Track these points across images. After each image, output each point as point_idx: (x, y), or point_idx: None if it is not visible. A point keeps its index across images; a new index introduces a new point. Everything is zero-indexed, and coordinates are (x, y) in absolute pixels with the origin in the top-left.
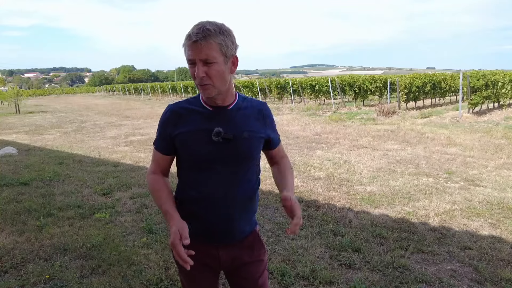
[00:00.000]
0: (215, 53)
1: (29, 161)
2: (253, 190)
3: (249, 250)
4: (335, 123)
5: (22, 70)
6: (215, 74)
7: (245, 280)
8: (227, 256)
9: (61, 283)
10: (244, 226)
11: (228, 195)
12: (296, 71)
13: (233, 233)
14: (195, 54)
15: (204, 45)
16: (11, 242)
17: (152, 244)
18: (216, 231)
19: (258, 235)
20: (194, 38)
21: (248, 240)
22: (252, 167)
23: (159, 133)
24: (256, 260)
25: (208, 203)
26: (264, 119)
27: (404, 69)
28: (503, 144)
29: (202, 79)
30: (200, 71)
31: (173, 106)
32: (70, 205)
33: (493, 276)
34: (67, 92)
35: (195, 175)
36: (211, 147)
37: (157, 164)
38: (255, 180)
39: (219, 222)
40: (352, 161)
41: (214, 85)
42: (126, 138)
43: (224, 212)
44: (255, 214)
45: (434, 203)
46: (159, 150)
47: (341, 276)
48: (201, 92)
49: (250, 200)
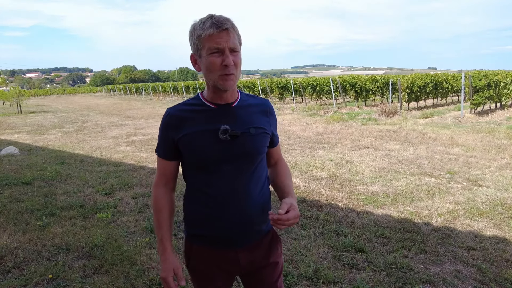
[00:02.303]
0: (237, 42)
1: (31, 160)
2: (265, 187)
3: (268, 251)
4: (336, 123)
5: (24, 70)
6: (239, 63)
7: (263, 283)
8: (246, 259)
9: (64, 283)
10: (260, 225)
11: (240, 194)
12: (297, 71)
13: (250, 234)
14: (224, 42)
15: (232, 33)
16: (13, 241)
17: (154, 244)
18: (233, 233)
19: (275, 234)
20: (224, 26)
21: (266, 239)
22: (260, 163)
23: (161, 139)
24: (273, 262)
25: (220, 205)
26: (268, 116)
27: (406, 69)
28: (505, 144)
29: (231, 67)
30: (230, 59)
31: (172, 110)
32: (72, 205)
33: (497, 276)
34: (68, 92)
35: (204, 177)
36: (218, 146)
37: (162, 174)
38: (265, 177)
39: (234, 223)
40: (354, 161)
41: (236, 75)
42: (127, 138)
43: (238, 212)
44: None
45: (437, 203)
46: (163, 157)
47: (344, 276)
48: (223, 84)
49: (263, 197)
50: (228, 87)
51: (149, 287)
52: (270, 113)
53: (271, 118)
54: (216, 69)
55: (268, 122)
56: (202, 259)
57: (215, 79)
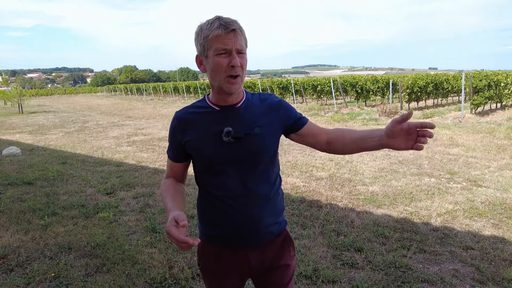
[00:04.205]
0: (244, 44)
1: (32, 160)
2: (274, 187)
3: (279, 252)
4: (337, 123)
5: (25, 70)
6: (245, 65)
7: (274, 284)
8: (256, 260)
9: (66, 281)
10: (270, 226)
11: (249, 194)
12: (298, 71)
13: (260, 234)
14: (232, 43)
15: (239, 35)
16: (16, 240)
17: (156, 243)
18: (243, 234)
19: (288, 235)
20: (232, 27)
21: (278, 240)
22: (269, 163)
23: (170, 141)
24: (284, 265)
25: (229, 206)
26: (276, 110)
27: (406, 70)
28: (505, 144)
29: (238, 68)
30: (237, 60)
31: (179, 113)
32: (74, 205)
33: (495, 276)
34: (69, 92)
35: (212, 179)
36: (222, 148)
37: (171, 170)
38: (275, 177)
39: (243, 224)
40: (354, 162)
41: (242, 78)
42: (128, 138)
43: (247, 213)
44: (283, 213)
45: (436, 203)
46: (171, 159)
47: (343, 275)
48: (229, 87)
49: (272, 198)
50: (233, 90)
51: (150, 285)
52: (278, 106)
53: (280, 111)
54: (223, 70)
55: (277, 117)
56: (214, 258)
57: (220, 80)
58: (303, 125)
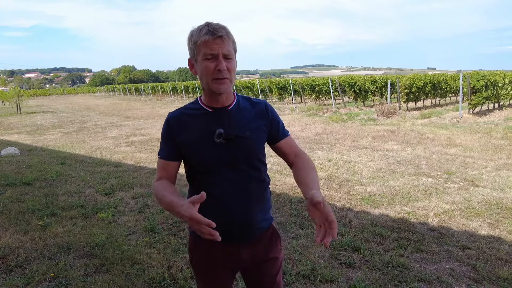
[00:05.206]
0: (232, 49)
1: (31, 161)
2: (264, 186)
3: (268, 246)
4: (335, 123)
5: (23, 70)
6: (233, 68)
7: (263, 276)
8: (247, 254)
9: (66, 281)
10: (260, 222)
11: (241, 194)
12: (296, 71)
13: (252, 231)
14: (219, 48)
15: (226, 40)
16: (15, 241)
17: (154, 243)
18: (234, 230)
19: (275, 230)
20: (219, 33)
21: (266, 235)
22: (259, 163)
23: (163, 141)
24: (273, 257)
25: (222, 204)
26: (265, 116)
27: (405, 70)
28: (503, 144)
29: (224, 71)
30: (223, 64)
31: (172, 114)
32: (73, 205)
33: (491, 275)
34: (68, 93)
35: (204, 178)
36: (215, 149)
37: (163, 171)
38: (264, 176)
39: (235, 222)
40: (353, 162)
41: (231, 80)
42: (127, 138)
43: (239, 212)
44: (271, 210)
45: (433, 203)
46: (165, 158)
47: (341, 274)
48: (217, 87)
49: (263, 196)
50: (222, 90)
51: (149, 285)
52: (267, 113)
53: (269, 118)
54: (210, 73)
55: (266, 123)
56: (205, 254)
57: (208, 82)
58: (282, 138)
